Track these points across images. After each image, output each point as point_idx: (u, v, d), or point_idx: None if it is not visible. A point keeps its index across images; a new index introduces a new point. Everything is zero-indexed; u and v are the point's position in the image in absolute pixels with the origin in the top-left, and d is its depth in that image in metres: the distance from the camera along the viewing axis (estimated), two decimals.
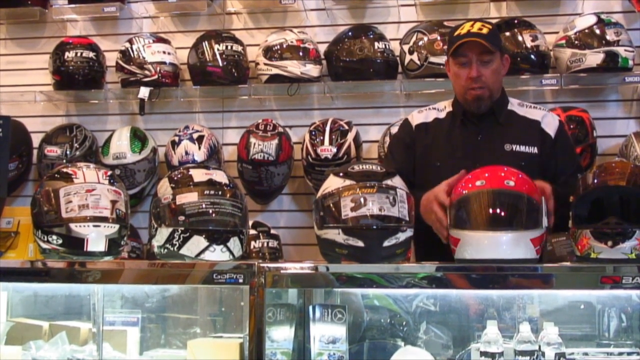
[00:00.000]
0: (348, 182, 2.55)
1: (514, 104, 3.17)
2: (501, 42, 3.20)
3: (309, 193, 4.25)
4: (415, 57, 4.05)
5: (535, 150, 3.04)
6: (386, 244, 2.48)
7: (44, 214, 2.70)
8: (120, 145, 4.27)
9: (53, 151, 4.31)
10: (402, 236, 2.50)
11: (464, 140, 3.08)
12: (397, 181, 2.58)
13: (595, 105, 4.12)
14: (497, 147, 3.04)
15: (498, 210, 2.51)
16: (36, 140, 4.44)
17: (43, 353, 2.85)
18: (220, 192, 2.68)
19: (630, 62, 3.90)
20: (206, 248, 2.61)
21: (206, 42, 4.28)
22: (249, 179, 4.16)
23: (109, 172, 2.84)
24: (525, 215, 2.49)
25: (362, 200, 2.49)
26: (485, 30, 3.00)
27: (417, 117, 3.22)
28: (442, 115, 3.19)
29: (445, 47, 3.96)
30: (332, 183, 2.59)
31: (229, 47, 4.25)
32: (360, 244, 2.47)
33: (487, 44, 2.98)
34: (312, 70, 4.17)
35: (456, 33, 3.05)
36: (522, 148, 3.03)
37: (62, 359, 2.84)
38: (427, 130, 3.16)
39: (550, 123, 3.11)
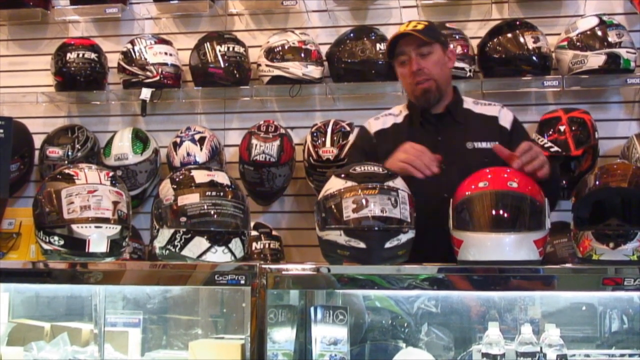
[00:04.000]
0: (350, 183, 2.55)
1: (469, 103, 3.22)
2: (442, 35, 3.24)
3: (310, 194, 4.25)
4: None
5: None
6: (388, 245, 2.48)
7: (46, 215, 2.70)
8: (122, 146, 4.27)
9: (55, 152, 4.31)
10: (403, 237, 2.50)
11: (425, 142, 3.07)
12: (398, 182, 2.59)
13: (597, 107, 4.12)
14: (458, 145, 3.06)
15: (501, 212, 2.51)
16: (38, 141, 4.44)
17: (44, 354, 2.85)
18: (221, 194, 2.68)
19: (632, 64, 3.90)
20: (208, 249, 2.61)
21: (208, 44, 4.28)
22: (251, 180, 4.16)
23: (111, 173, 2.84)
24: (528, 216, 2.49)
25: (363, 201, 2.49)
26: (420, 27, 3.06)
27: (375, 124, 3.25)
28: (400, 119, 3.22)
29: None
30: (334, 184, 2.59)
31: (231, 49, 4.26)
32: (362, 245, 2.47)
33: (421, 35, 3.03)
34: (314, 71, 4.18)
35: (393, 36, 3.12)
36: (484, 144, 3.04)
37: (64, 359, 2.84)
38: (387, 136, 3.17)
39: (505, 117, 3.17)
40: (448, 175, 2.79)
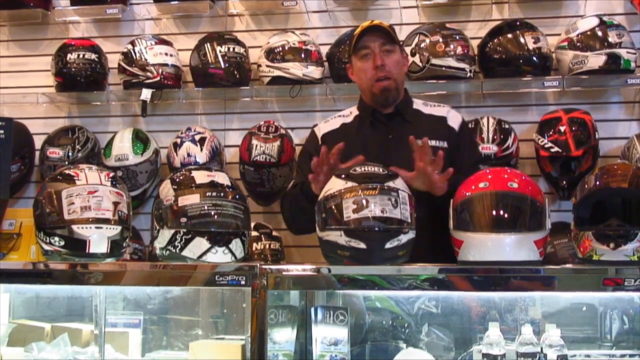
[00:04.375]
0: (350, 184, 2.55)
1: (418, 104, 3.25)
2: (398, 39, 3.27)
3: None
4: (417, 59, 4.05)
5: (445, 144, 3.10)
6: (388, 245, 2.48)
7: (46, 216, 2.70)
8: (123, 147, 4.27)
9: (55, 153, 4.31)
10: (404, 238, 2.50)
11: (375, 141, 3.12)
12: (399, 183, 2.59)
13: (597, 107, 4.12)
14: (408, 144, 3.05)
15: (502, 212, 2.51)
16: (38, 142, 4.44)
17: (45, 355, 2.85)
18: (222, 194, 2.68)
19: (633, 64, 3.90)
20: (208, 250, 2.61)
21: (208, 44, 4.28)
22: (251, 181, 4.16)
23: (111, 174, 2.84)
24: (528, 217, 2.49)
25: (364, 202, 2.49)
26: (384, 25, 3.12)
27: (324, 127, 3.27)
28: (349, 119, 3.24)
29: (447, 48, 3.99)
30: (334, 185, 2.59)
31: (231, 49, 4.26)
32: (362, 245, 2.47)
33: (387, 35, 3.08)
34: (314, 72, 4.18)
35: (356, 32, 3.14)
36: (433, 142, 3.05)
37: None
38: (336, 136, 3.17)
39: (454, 118, 3.21)
40: None
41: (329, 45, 4.29)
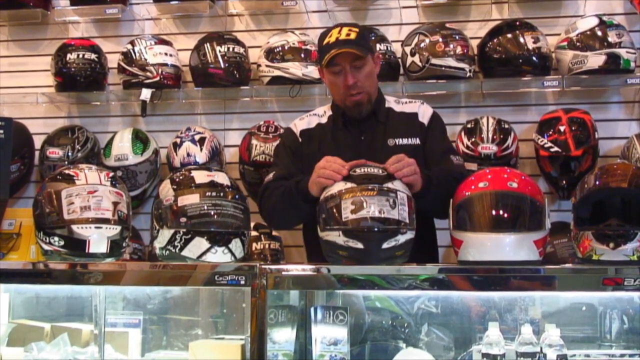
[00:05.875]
0: (349, 184, 2.56)
1: (390, 102, 3.22)
2: (369, 41, 3.23)
3: None
4: (417, 58, 4.05)
5: (417, 141, 3.08)
6: (385, 245, 2.49)
7: (46, 216, 2.70)
8: (122, 146, 4.27)
9: (55, 153, 4.31)
10: (401, 238, 2.51)
11: (349, 142, 3.10)
12: (398, 184, 2.59)
13: (597, 107, 4.12)
14: (380, 143, 3.07)
15: (501, 212, 2.51)
16: (38, 142, 4.44)
17: (45, 355, 2.85)
18: (222, 194, 2.69)
19: (632, 64, 3.90)
20: (208, 250, 2.62)
21: (208, 44, 4.28)
22: (251, 181, 4.16)
23: (111, 174, 2.84)
24: (528, 216, 2.49)
25: (362, 202, 2.50)
26: (353, 36, 3.01)
27: (300, 124, 3.25)
28: (324, 120, 3.22)
29: (446, 48, 3.99)
30: (334, 186, 2.61)
31: (231, 49, 4.26)
32: (360, 245, 2.48)
33: (357, 51, 2.99)
34: (314, 71, 4.17)
35: (325, 42, 3.04)
36: (405, 140, 3.05)
37: None
38: (312, 136, 3.18)
39: (425, 113, 3.17)
40: None
41: None
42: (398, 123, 3.14)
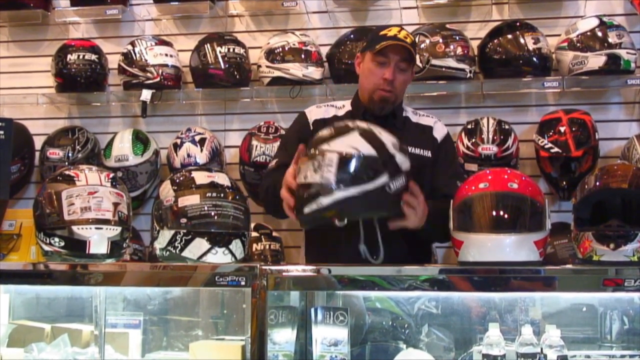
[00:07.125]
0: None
1: (408, 112, 3.21)
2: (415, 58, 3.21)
3: None
4: (417, 59, 4.05)
5: (429, 154, 3.06)
6: (307, 210, 2.46)
7: (46, 217, 2.71)
8: (123, 147, 4.27)
9: (55, 153, 4.32)
10: (325, 200, 2.43)
11: None
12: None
13: (597, 108, 4.12)
14: None
15: (502, 213, 2.51)
16: (38, 142, 4.44)
17: (45, 355, 2.85)
18: (222, 195, 2.69)
19: (633, 65, 3.90)
20: (208, 250, 2.62)
21: (208, 45, 4.28)
22: (251, 182, 4.16)
23: (111, 175, 2.85)
24: (528, 217, 2.49)
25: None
26: (409, 40, 3.03)
27: (316, 112, 3.21)
28: (341, 113, 3.19)
29: (447, 49, 3.99)
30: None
31: (231, 50, 4.26)
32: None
33: (410, 52, 3.01)
34: (314, 72, 4.18)
35: (382, 32, 3.05)
36: (418, 151, 3.03)
37: None
38: (326, 126, 3.14)
39: (439, 130, 3.16)
40: None
41: (329, 45, 4.29)
42: (413, 133, 3.12)
